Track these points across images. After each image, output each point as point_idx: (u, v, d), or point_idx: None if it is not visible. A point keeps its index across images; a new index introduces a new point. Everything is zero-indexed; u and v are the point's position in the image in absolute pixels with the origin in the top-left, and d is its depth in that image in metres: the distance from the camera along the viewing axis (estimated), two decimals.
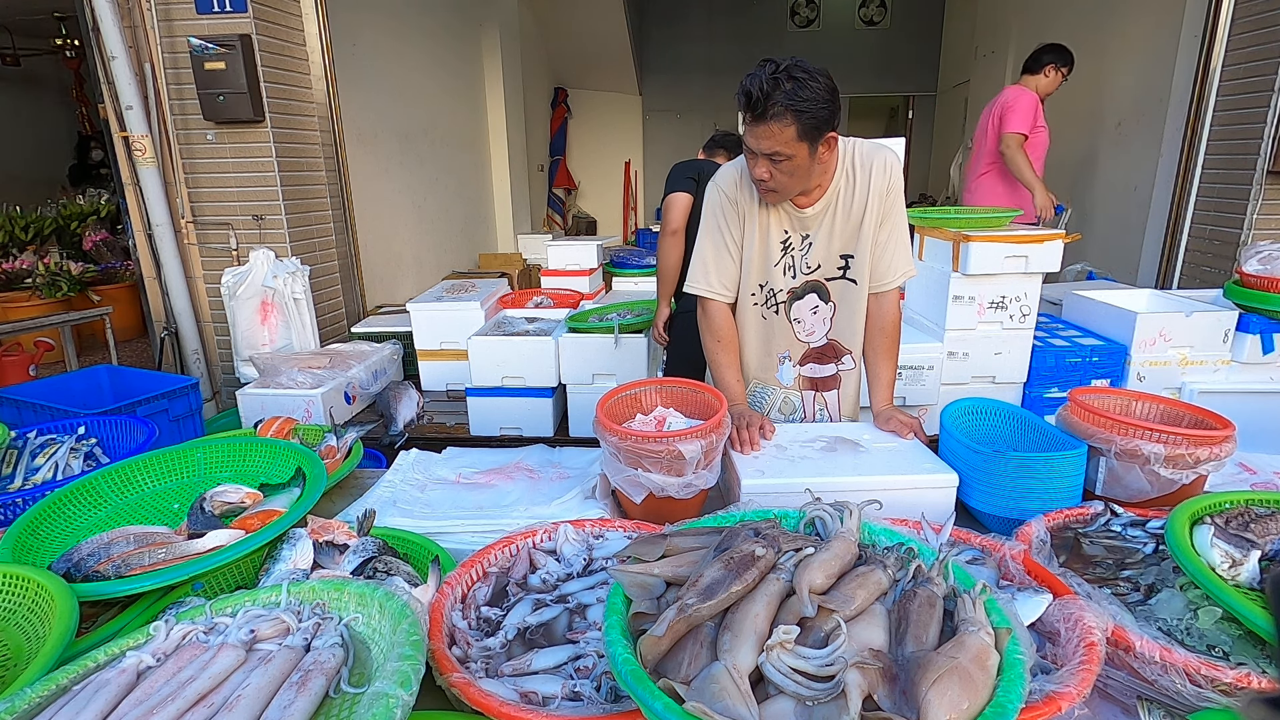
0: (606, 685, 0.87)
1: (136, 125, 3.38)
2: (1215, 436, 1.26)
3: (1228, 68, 3.75)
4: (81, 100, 7.66)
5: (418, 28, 5.92)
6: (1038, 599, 0.94)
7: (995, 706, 0.68)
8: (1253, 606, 0.89)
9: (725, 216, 1.70)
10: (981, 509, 1.36)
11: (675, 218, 2.77)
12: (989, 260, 2.74)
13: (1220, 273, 3.76)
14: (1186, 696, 0.84)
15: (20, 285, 5.23)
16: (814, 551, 0.90)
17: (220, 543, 1.10)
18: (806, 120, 1.41)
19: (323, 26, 3.82)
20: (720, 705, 0.67)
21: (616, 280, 5.02)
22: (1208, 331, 2.72)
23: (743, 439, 1.47)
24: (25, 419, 2.20)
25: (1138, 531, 1.19)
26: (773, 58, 1.44)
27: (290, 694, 0.74)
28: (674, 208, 2.77)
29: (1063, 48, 3.84)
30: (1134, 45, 5.17)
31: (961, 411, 1.57)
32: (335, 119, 3.99)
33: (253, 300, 3.39)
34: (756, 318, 1.77)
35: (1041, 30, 7.06)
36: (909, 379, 2.90)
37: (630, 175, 10.78)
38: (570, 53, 9.57)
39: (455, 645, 0.97)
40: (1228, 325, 2.72)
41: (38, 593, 0.97)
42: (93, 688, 0.76)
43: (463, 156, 7.01)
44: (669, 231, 2.79)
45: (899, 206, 1.66)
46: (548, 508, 1.35)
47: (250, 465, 1.41)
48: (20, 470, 1.57)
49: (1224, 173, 3.80)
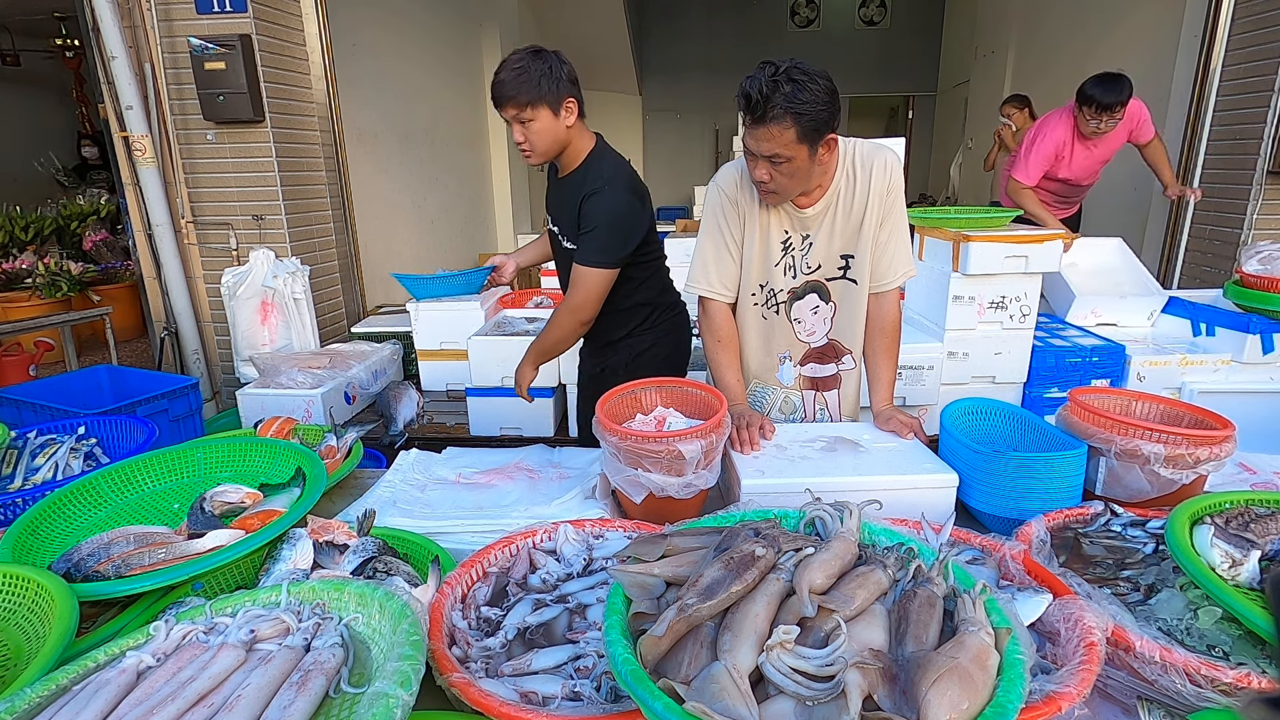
0: (606, 685, 0.87)
1: (136, 125, 3.38)
2: (1215, 436, 1.26)
3: (1228, 68, 3.75)
4: (81, 100, 7.66)
5: (418, 27, 5.92)
6: (1038, 599, 0.94)
7: (995, 706, 0.68)
8: (1253, 606, 0.89)
9: (725, 216, 1.70)
10: (981, 509, 1.36)
11: (594, 299, 1.90)
12: (989, 260, 2.73)
13: (1220, 273, 3.76)
14: (1186, 696, 0.84)
15: (20, 285, 5.23)
16: (814, 551, 0.90)
17: (220, 543, 1.10)
18: (806, 122, 1.41)
19: (323, 26, 3.82)
20: (720, 705, 0.67)
21: None
22: (1134, 311, 3.10)
23: (743, 439, 1.47)
24: (25, 419, 2.20)
25: (1138, 531, 1.19)
26: (772, 59, 1.43)
27: (290, 694, 0.74)
28: (594, 287, 1.87)
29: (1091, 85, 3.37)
30: (1134, 45, 5.17)
31: (961, 411, 1.57)
32: (335, 119, 3.99)
33: (253, 300, 3.39)
34: (757, 318, 1.77)
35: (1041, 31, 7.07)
36: (909, 379, 2.89)
37: None
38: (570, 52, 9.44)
39: (455, 645, 0.97)
40: (1154, 307, 3.10)
41: (38, 593, 0.97)
42: (93, 688, 0.76)
43: (463, 156, 7.01)
44: (581, 318, 1.94)
45: (899, 206, 1.66)
46: (548, 508, 1.35)
47: (250, 465, 1.41)
48: (20, 470, 1.57)
49: (1224, 173, 3.80)
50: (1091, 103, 3.30)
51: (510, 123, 1.80)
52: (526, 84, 1.72)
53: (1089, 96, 3.31)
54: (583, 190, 1.85)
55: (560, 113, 1.79)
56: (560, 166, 1.96)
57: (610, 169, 1.88)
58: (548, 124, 1.78)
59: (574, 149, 1.89)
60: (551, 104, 1.76)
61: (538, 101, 1.74)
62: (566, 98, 1.79)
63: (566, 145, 1.87)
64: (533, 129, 1.77)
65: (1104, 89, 3.27)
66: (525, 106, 1.74)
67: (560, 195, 1.97)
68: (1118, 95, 3.26)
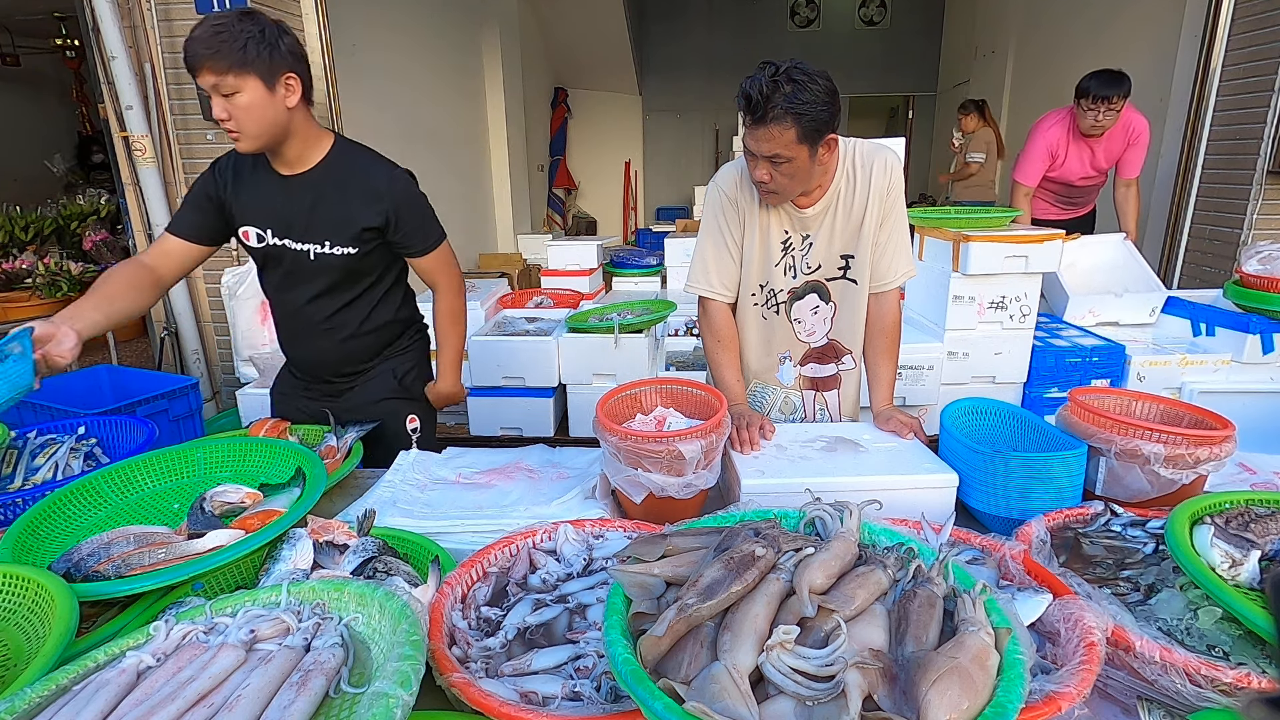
0: (606, 685, 0.87)
1: (136, 125, 3.38)
2: (1215, 436, 1.26)
3: (1228, 68, 3.75)
4: (81, 100, 7.66)
5: (418, 27, 5.92)
6: (1038, 599, 0.94)
7: (995, 706, 0.68)
8: (1253, 606, 0.89)
9: (725, 216, 1.70)
10: (981, 509, 1.36)
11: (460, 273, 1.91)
12: (989, 260, 2.74)
13: (1220, 273, 3.76)
14: (1186, 696, 0.84)
15: (20, 285, 5.22)
16: (814, 551, 0.90)
17: (220, 543, 1.10)
18: (807, 123, 1.41)
19: (323, 26, 3.82)
20: (720, 705, 0.67)
21: (616, 280, 5.02)
22: (1134, 309, 3.12)
23: (743, 439, 1.47)
24: (25, 419, 2.20)
25: (1138, 531, 1.19)
26: (772, 60, 1.43)
27: (290, 694, 0.74)
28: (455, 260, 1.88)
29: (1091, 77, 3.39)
30: (1134, 45, 5.17)
31: (961, 411, 1.57)
32: (335, 119, 3.99)
33: (252, 300, 3.39)
34: (757, 318, 1.77)
35: (1041, 31, 7.07)
36: (909, 379, 2.90)
37: (630, 175, 10.78)
38: (570, 52, 9.57)
39: (455, 645, 0.97)
40: (1154, 304, 3.11)
41: (38, 593, 0.97)
42: (93, 688, 0.76)
43: (463, 156, 7.01)
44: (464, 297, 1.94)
45: (899, 207, 1.66)
46: (548, 508, 1.35)
47: (250, 465, 1.41)
48: (20, 470, 1.57)
49: (1224, 173, 3.81)
50: (1088, 94, 3.33)
51: (209, 94, 1.48)
52: (229, 44, 1.43)
53: (1086, 88, 3.34)
54: (350, 186, 1.64)
55: (276, 88, 1.51)
56: (283, 161, 1.64)
57: (371, 153, 1.70)
58: (259, 99, 1.48)
59: (303, 140, 1.61)
60: (263, 75, 1.47)
61: (243, 68, 1.45)
62: (285, 72, 1.51)
63: (288, 132, 1.57)
64: (238, 104, 1.47)
65: (1101, 80, 3.31)
66: (226, 73, 1.44)
67: (295, 196, 1.65)
68: (1116, 87, 3.29)
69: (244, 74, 1.45)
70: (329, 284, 1.72)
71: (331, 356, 1.82)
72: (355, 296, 1.77)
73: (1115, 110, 3.33)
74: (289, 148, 1.61)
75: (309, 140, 1.63)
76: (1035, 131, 3.60)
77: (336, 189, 1.65)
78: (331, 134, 1.68)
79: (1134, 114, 3.43)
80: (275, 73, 1.50)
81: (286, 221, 1.66)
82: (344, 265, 1.69)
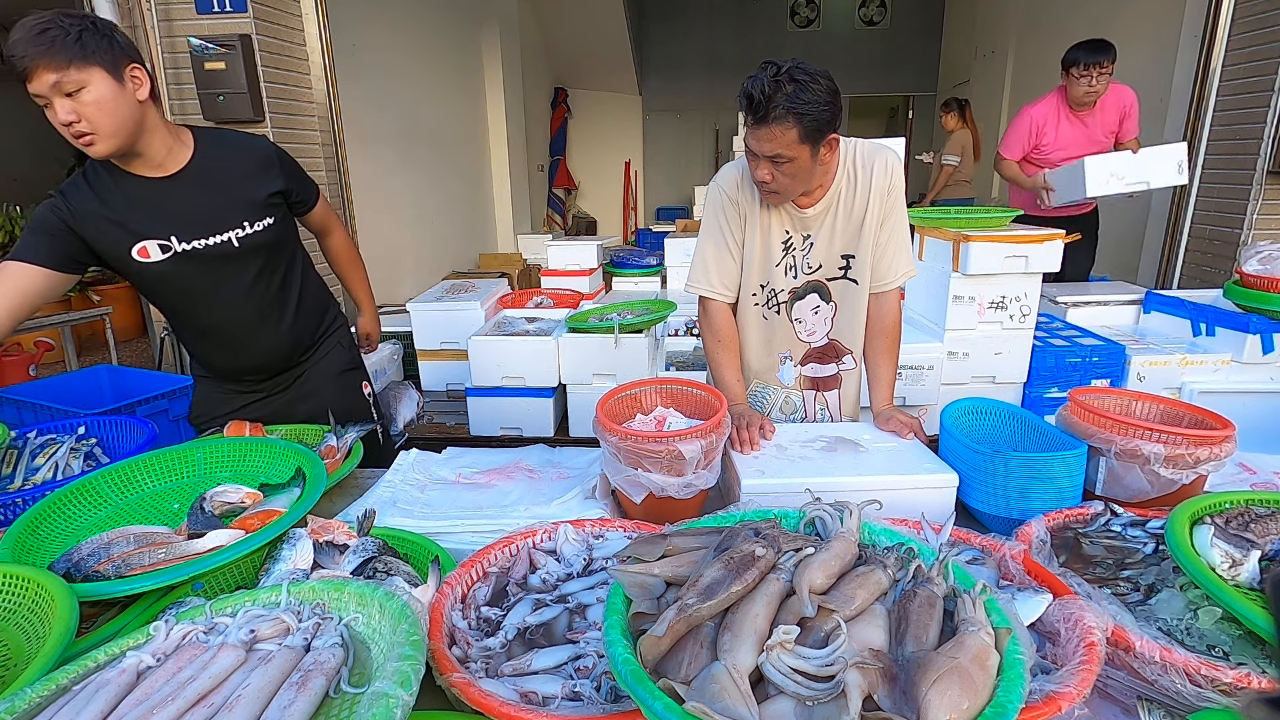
0: (606, 685, 0.87)
1: None
2: (1215, 436, 1.26)
3: (1228, 68, 3.75)
4: None
5: (418, 27, 5.92)
6: (1038, 599, 0.94)
7: (995, 706, 0.68)
8: (1253, 606, 0.89)
9: (726, 216, 1.70)
10: (981, 509, 1.36)
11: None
12: (989, 260, 2.74)
13: (1220, 273, 3.76)
14: (1186, 696, 0.84)
15: None
16: (814, 551, 0.90)
17: (220, 543, 1.10)
18: (808, 123, 1.42)
19: (323, 26, 3.82)
20: (720, 705, 0.67)
21: (616, 280, 5.02)
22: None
23: (743, 439, 1.47)
24: (25, 419, 2.20)
25: (1138, 531, 1.19)
26: (774, 60, 1.43)
27: (290, 694, 0.74)
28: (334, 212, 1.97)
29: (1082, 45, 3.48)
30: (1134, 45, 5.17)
31: (961, 411, 1.57)
32: (335, 119, 3.99)
33: None
34: (758, 318, 1.77)
35: (1041, 31, 7.07)
36: (909, 379, 2.90)
37: (630, 175, 10.78)
38: (570, 53, 9.58)
39: (455, 645, 0.97)
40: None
41: (38, 593, 0.97)
42: (93, 688, 0.76)
43: (463, 156, 7.01)
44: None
45: (900, 207, 1.66)
46: (548, 508, 1.35)
47: (250, 465, 1.41)
48: (20, 470, 1.57)
49: (1224, 173, 3.80)
50: (1079, 62, 3.41)
51: (49, 101, 1.33)
52: (61, 39, 1.29)
53: (1075, 58, 3.43)
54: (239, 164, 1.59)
55: (124, 80, 1.38)
56: (150, 163, 1.51)
57: (235, 131, 1.66)
58: (108, 92, 1.35)
59: (162, 138, 1.50)
60: (107, 66, 1.35)
61: (84, 60, 1.31)
62: (129, 63, 1.40)
63: (144, 129, 1.45)
64: (86, 100, 1.33)
65: (1088, 48, 3.41)
66: (67, 67, 1.30)
67: (187, 194, 1.54)
68: (1104, 53, 3.39)
69: (86, 66, 1.32)
70: (260, 265, 1.66)
71: (284, 342, 1.76)
72: (286, 270, 1.74)
73: (1107, 74, 3.42)
74: (152, 147, 1.49)
75: (171, 136, 1.52)
76: (1020, 111, 3.71)
77: (227, 172, 1.57)
78: (186, 127, 1.59)
79: (1120, 86, 3.56)
80: (119, 64, 1.38)
81: (189, 221, 1.54)
82: (269, 240, 1.65)
